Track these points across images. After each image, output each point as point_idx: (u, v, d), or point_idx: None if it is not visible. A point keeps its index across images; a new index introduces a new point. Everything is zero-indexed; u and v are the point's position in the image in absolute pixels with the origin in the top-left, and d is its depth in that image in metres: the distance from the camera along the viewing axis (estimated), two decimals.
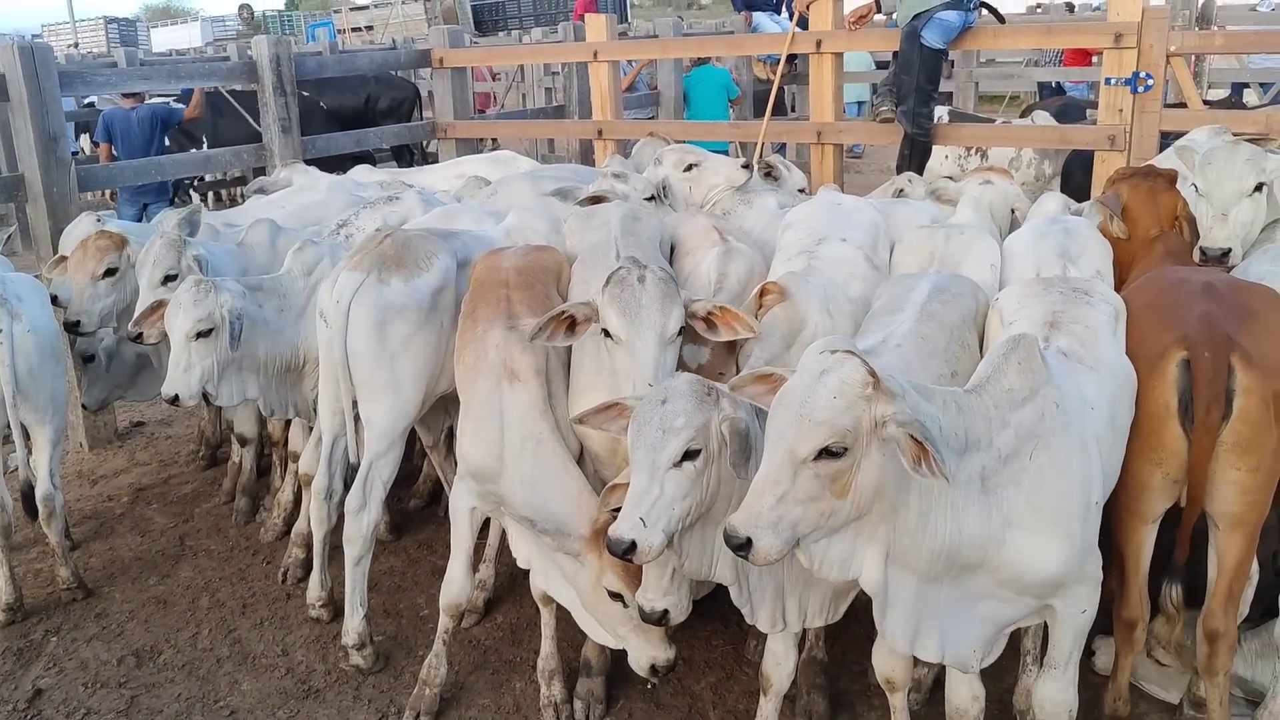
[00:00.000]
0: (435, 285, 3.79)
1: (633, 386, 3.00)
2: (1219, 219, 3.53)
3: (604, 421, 2.83)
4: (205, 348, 3.88)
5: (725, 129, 8.06)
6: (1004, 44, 7.57)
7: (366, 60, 9.74)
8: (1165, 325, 3.00)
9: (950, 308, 3.27)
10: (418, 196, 5.12)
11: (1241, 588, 3.07)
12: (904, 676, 3.09)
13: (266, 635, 4.18)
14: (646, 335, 3.02)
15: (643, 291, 3.05)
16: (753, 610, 2.89)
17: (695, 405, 2.56)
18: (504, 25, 31.13)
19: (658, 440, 2.52)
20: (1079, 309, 3.10)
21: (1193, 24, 11.85)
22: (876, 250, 3.93)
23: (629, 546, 2.48)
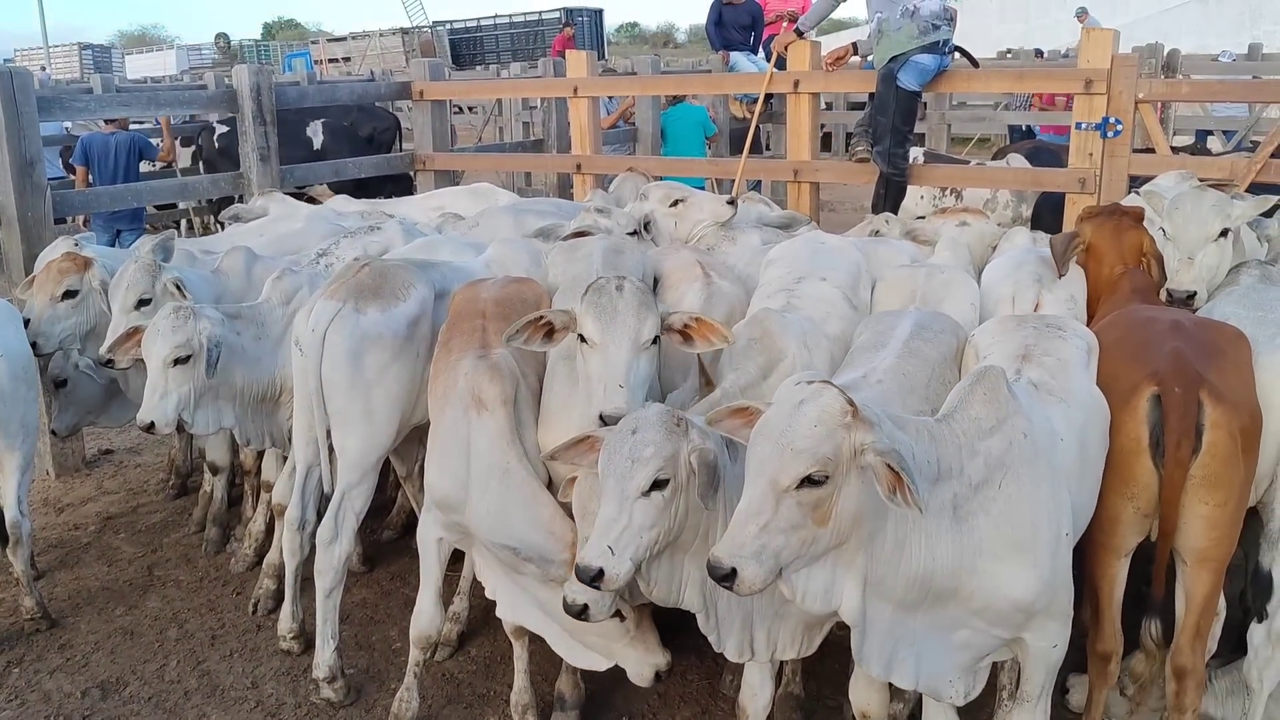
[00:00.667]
0: (412, 315, 3.78)
1: (603, 389, 3.03)
2: (1185, 262, 3.60)
3: (575, 456, 2.84)
4: (183, 375, 3.85)
5: (704, 165, 8.16)
6: (977, 87, 7.74)
7: (346, 91, 9.78)
8: (1136, 361, 3.06)
9: (932, 345, 3.31)
10: (399, 226, 5.13)
11: (1209, 625, 3.10)
12: (880, 710, 3.08)
13: (236, 667, 4.11)
14: (620, 339, 3.05)
15: (619, 298, 3.09)
16: (720, 639, 2.90)
17: (664, 435, 2.58)
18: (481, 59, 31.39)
19: (626, 469, 2.54)
20: (1051, 342, 3.16)
21: (1159, 72, 12.15)
22: (856, 290, 3.96)
23: (597, 574, 2.50)
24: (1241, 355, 3.10)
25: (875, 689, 3.04)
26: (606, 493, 2.55)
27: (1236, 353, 3.09)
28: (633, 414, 2.69)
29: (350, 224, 5.35)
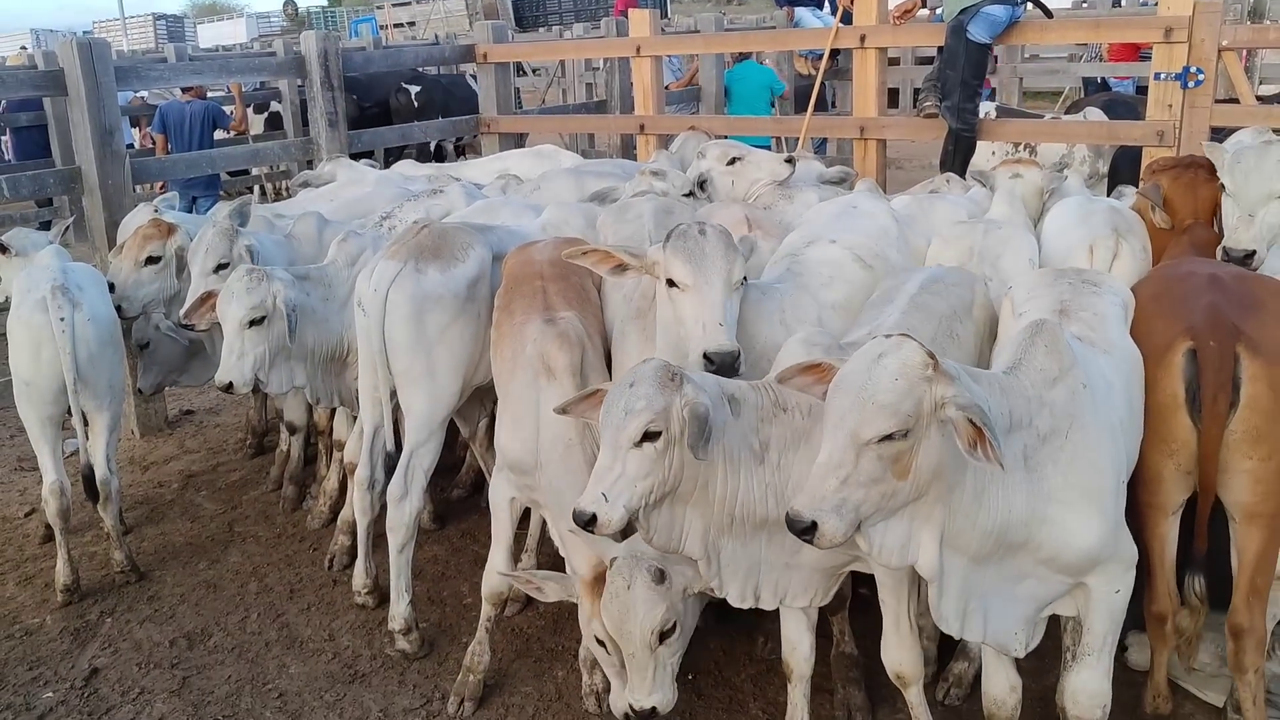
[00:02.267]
0: (471, 276, 3.84)
1: (703, 329, 3.05)
2: (1245, 220, 3.47)
3: (585, 410, 2.88)
4: (258, 336, 3.97)
5: (768, 124, 8.06)
6: (1051, 39, 7.50)
7: (411, 55, 9.85)
8: (1171, 317, 3.01)
9: (941, 299, 3.31)
10: (461, 189, 5.19)
11: (1267, 583, 3.02)
12: (914, 670, 3.12)
13: (313, 620, 4.26)
14: (714, 279, 3.09)
15: (705, 241, 3.13)
16: (721, 584, 2.95)
17: (657, 389, 2.62)
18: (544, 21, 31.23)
19: (620, 421, 2.60)
20: (1087, 298, 3.17)
21: (1245, 18, 11.66)
22: (878, 252, 3.83)
23: (590, 519, 2.56)
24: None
25: (908, 649, 3.08)
26: (604, 442, 2.64)
27: (1278, 304, 3.00)
28: (631, 368, 2.74)
29: (417, 188, 5.41)
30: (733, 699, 3.70)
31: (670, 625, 2.95)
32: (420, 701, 3.74)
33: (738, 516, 2.80)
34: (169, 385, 5.54)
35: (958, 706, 3.59)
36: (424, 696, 3.76)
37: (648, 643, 2.93)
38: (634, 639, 2.93)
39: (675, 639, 2.99)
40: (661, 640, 2.95)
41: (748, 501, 2.79)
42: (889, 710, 3.56)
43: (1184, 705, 3.54)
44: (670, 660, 2.99)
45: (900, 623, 3.08)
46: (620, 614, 2.94)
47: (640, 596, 2.90)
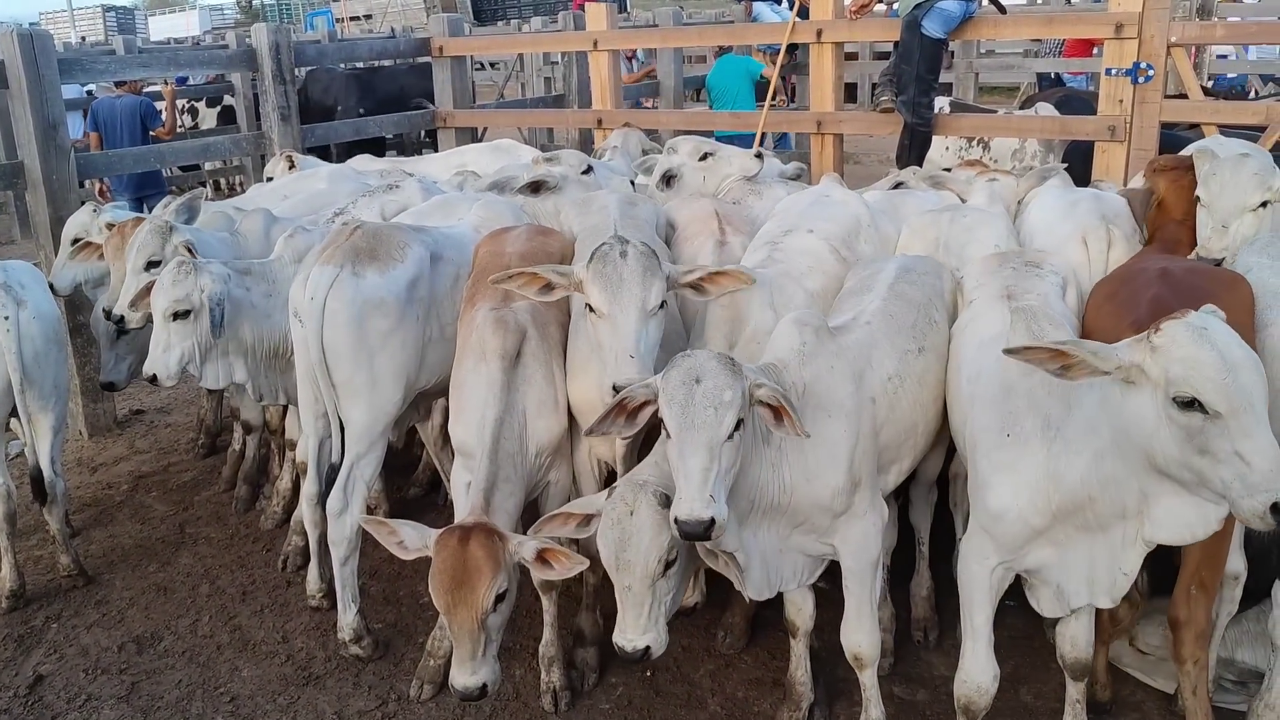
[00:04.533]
0: (411, 276, 3.75)
1: (615, 359, 3.04)
2: (1219, 230, 3.50)
3: (613, 425, 2.84)
4: (185, 329, 3.88)
5: (725, 118, 8.05)
6: (1005, 34, 7.56)
7: (365, 48, 9.72)
8: (1121, 311, 3.04)
9: (917, 287, 3.42)
10: (418, 185, 5.13)
11: (1214, 579, 3.05)
12: (872, 652, 3.19)
13: (267, 622, 4.19)
14: (628, 308, 3.06)
15: (624, 266, 3.09)
16: (745, 578, 2.98)
17: (734, 377, 2.64)
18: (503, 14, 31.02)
19: (712, 418, 2.56)
20: (1031, 280, 3.33)
21: (1194, 15, 11.84)
22: (850, 243, 3.93)
23: (709, 524, 2.49)
24: (1237, 299, 3.03)
25: (867, 632, 3.16)
26: (690, 445, 2.56)
27: (1231, 297, 3.02)
28: (684, 364, 2.68)
29: (373, 183, 5.34)
30: (691, 694, 3.69)
31: (674, 554, 2.76)
32: (375, 703, 3.69)
33: (755, 502, 2.87)
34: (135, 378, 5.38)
35: (914, 700, 3.61)
36: (379, 698, 3.71)
37: (650, 572, 2.72)
38: (635, 569, 2.73)
39: (675, 572, 2.80)
40: (665, 571, 2.76)
41: (763, 486, 2.87)
42: (846, 704, 3.57)
43: (1136, 693, 3.59)
44: (666, 597, 2.80)
45: (862, 606, 3.16)
46: (620, 542, 2.73)
47: (645, 522, 2.71)
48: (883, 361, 3.14)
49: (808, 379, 2.93)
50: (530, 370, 3.42)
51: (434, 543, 3.00)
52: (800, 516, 3.01)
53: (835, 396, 2.96)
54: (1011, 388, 2.87)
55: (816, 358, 2.99)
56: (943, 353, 3.35)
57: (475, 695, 2.95)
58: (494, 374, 3.34)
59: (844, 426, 2.95)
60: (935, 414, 3.32)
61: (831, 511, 3.00)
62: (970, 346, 3.21)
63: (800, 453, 2.91)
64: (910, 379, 3.20)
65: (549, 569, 3.01)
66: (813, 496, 2.95)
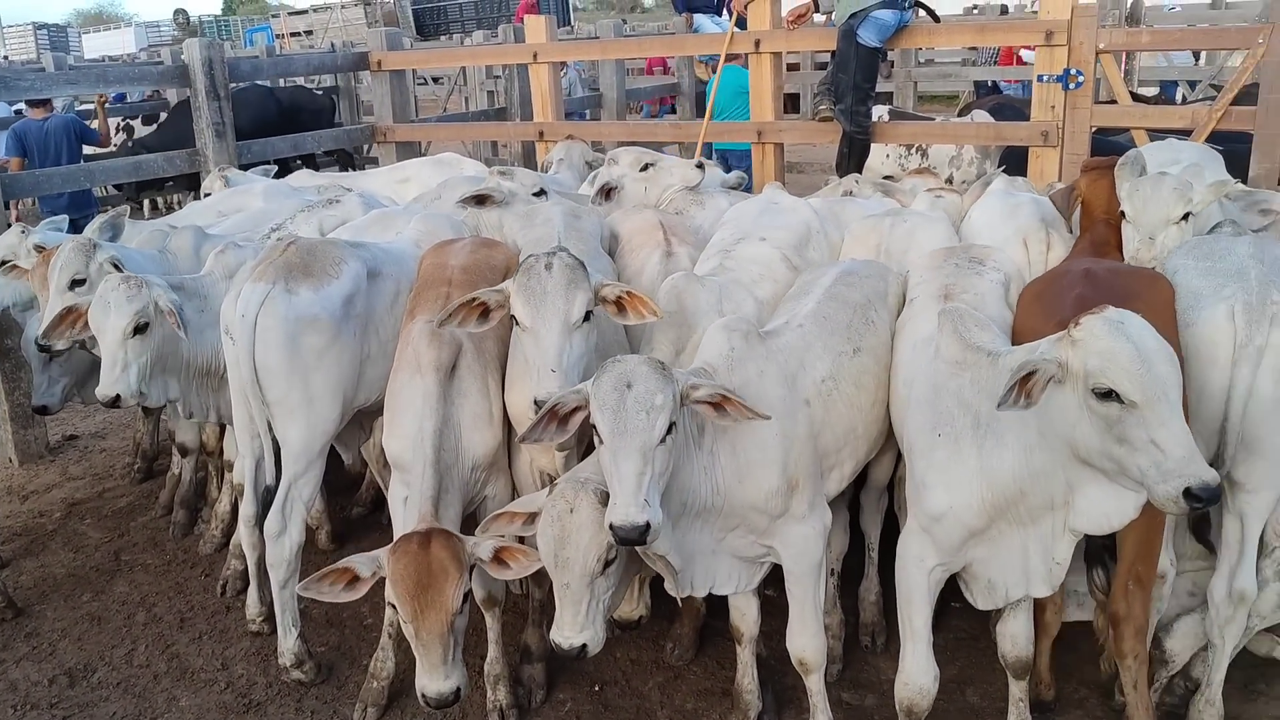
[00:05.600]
0: (347, 293, 3.69)
1: (536, 373, 3.04)
2: (1145, 241, 3.62)
3: (545, 433, 2.81)
4: (142, 345, 3.78)
5: (666, 129, 8.08)
6: (939, 42, 7.68)
7: (302, 63, 9.60)
8: (1047, 312, 3.09)
9: (854, 289, 3.45)
10: (358, 199, 5.07)
11: (1149, 574, 3.08)
12: (817, 658, 3.20)
13: (205, 649, 4.09)
14: (551, 322, 3.04)
15: (548, 279, 3.07)
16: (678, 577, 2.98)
17: (665, 381, 2.65)
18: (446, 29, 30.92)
19: (644, 422, 2.57)
20: (970, 279, 3.40)
21: (1122, 23, 12.13)
22: (801, 251, 3.96)
23: (644, 528, 2.49)
24: (1158, 298, 3.10)
25: (812, 636, 3.17)
26: (623, 450, 2.56)
27: (1152, 295, 3.09)
28: (615, 370, 2.68)
29: (312, 198, 5.26)
30: (640, 708, 3.66)
31: (614, 554, 2.75)
32: None
33: (687, 504, 2.87)
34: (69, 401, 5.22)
35: (862, 705, 3.62)
36: None
37: (589, 570, 2.71)
38: (574, 567, 2.72)
39: (615, 570, 2.80)
40: (604, 569, 2.75)
41: (695, 488, 2.87)
42: (795, 711, 3.56)
43: (1079, 690, 3.63)
44: (604, 595, 2.80)
45: (806, 611, 3.17)
46: (560, 539, 2.72)
47: (585, 519, 2.70)
48: (816, 364, 3.16)
49: (736, 384, 2.94)
50: (466, 383, 3.39)
51: (390, 555, 2.96)
52: (735, 518, 3.01)
53: (765, 400, 2.96)
54: (941, 388, 2.89)
55: (746, 362, 2.99)
56: (882, 354, 3.37)
57: (449, 701, 2.91)
58: (430, 386, 3.31)
59: (775, 429, 2.96)
60: (876, 417, 3.33)
61: (767, 513, 3.01)
62: (906, 348, 3.24)
63: (732, 455, 2.92)
64: (846, 380, 3.21)
65: (505, 568, 3.01)
66: (746, 498, 2.96)
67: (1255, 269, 3.07)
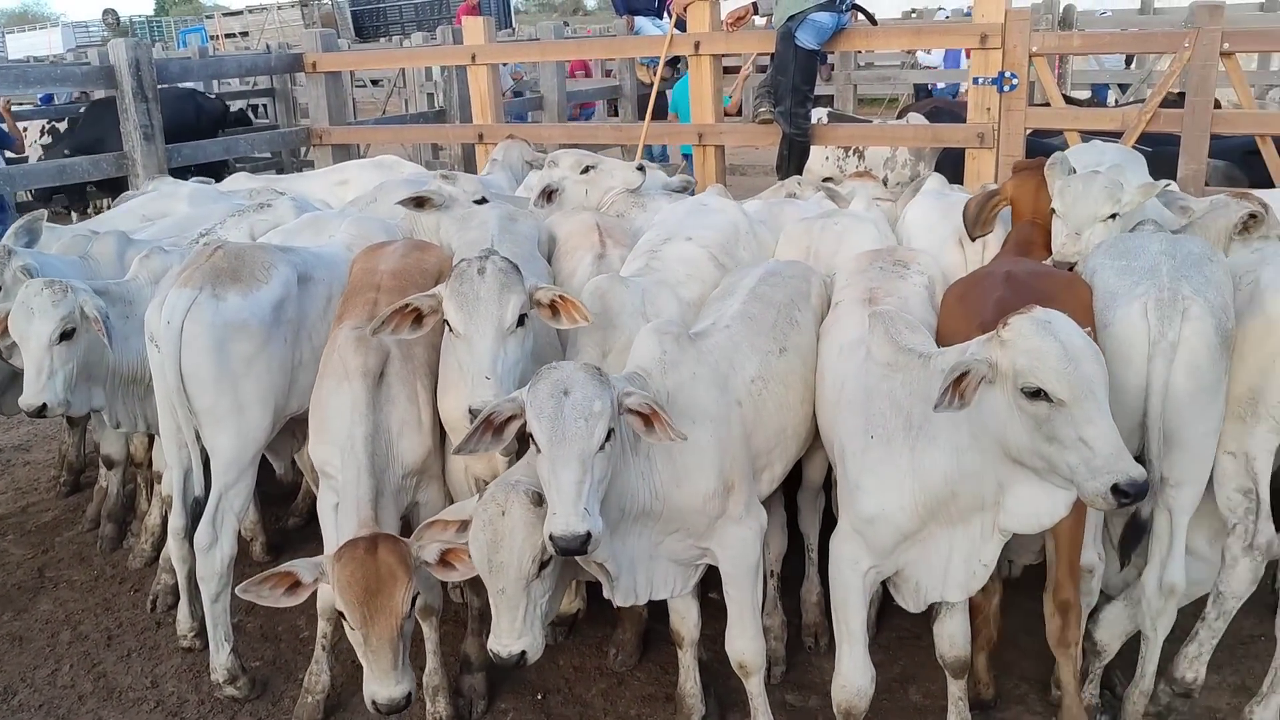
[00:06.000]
0: (276, 298, 3.61)
1: (471, 381, 2.99)
2: (1072, 237, 3.68)
3: (480, 443, 2.76)
4: (68, 352, 3.66)
5: (608, 131, 8.04)
6: (876, 45, 7.77)
7: (233, 65, 9.39)
8: (968, 315, 3.12)
9: (778, 289, 3.44)
10: (290, 203, 4.95)
11: (1078, 563, 3.13)
12: (757, 660, 3.20)
13: (134, 667, 3.96)
14: (484, 328, 2.99)
15: (481, 284, 3.02)
16: (617, 584, 2.96)
17: (603, 387, 2.61)
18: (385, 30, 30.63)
19: (583, 429, 2.53)
20: (894, 282, 3.42)
21: (1055, 27, 12.37)
22: (730, 251, 3.94)
23: (585, 537, 2.45)
24: (1077, 300, 3.15)
25: (751, 639, 3.16)
26: (562, 457, 2.52)
27: (1070, 297, 3.14)
28: (551, 377, 2.63)
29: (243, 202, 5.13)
30: (584, 715, 3.61)
31: (549, 555, 2.68)
32: None
33: (625, 510, 2.84)
34: None
35: (806, 706, 3.61)
36: None
37: (524, 573, 2.66)
38: (508, 571, 2.66)
39: (550, 572, 2.76)
40: (540, 571, 2.70)
41: (633, 494, 2.85)
42: (740, 715, 3.54)
43: (1019, 686, 3.66)
44: (541, 600, 2.75)
45: (745, 613, 3.15)
46: (493, 544, 2.66)
47: (518, 521, 2.65)
48: (744, 364, 3.15)
49: (670, 387, 2.92)
50: (394, 390, 3.33)
51: (335, 561, 2.89)
52: (674, 523, 3.00)
53: (699, 403, 2.95)
54: (873, 390, 2.90)
55: (679, 366, 2.98)
56: (807, 354, 3.37)
57: (400, 706, 2.86)
58: (358, 392, 3.25)
59: (710, 432, 2.95)
60: (804, 416, 3.33)
61: (705, 515, 2.99)
62: (833, 351, 3.24)
63: (669, 460, 2.90)
64: (774, 380, 3.21)
65: (451, 570, 2.96)
66: (684, 502, 2.94)
67: (1167, 265, 3.10)
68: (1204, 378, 2.98)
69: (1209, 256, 3.20)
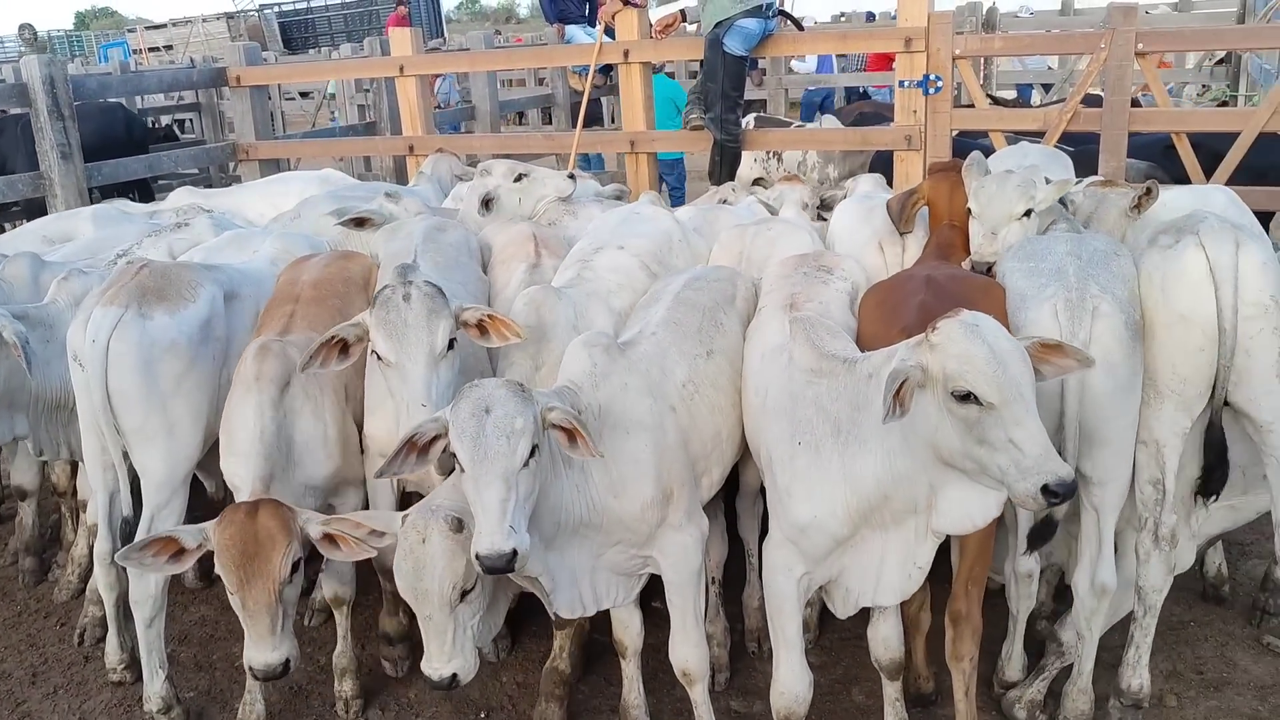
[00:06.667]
0: (204, 316, 3.55)
1: (405, 410, 2.95)
2: (989, 237, 3.72)
3: (404, 465, 2.72)
4: None
5: (539, 140, 8.01)
6: (803, 49, 7.85)
7: (154, 80, 9.15)
8: (889, 320, 3.15)
9: (703, 293, 3.45)
10: (209, 221, 4.85)
11: (983, 574, 3.15)
12: (700, 668, 3.19)
13: (61, 705, 3.83)
14: (416, 355, 2.96)
15: (409, 311, 2.98)
16: (554, 598, 2.97)
17: (525, 404, 2.60)
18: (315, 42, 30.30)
19: (504, 447, 2.52)
20: (816, 288, 3.44)
21: (980, 30, 12.61)
22: (662, 259, 3.95)
23: (511, 555, 2.44)
24: (992, 303, 3.19)
25: (694, 646, 3.16)
26: (485, 477, 2.51)
27: (987, 300, 3.18)
28: (473, 395, 2.62)
29: (140, 223, 5.03)
30: None
31: (472, 581, 2.71)
32: None
33: (561, 523, 2.84)
34: None
35: (750, 712, 3.61)
36: None
37: (447, 600, 2.67)
38: (432, 598, 2.67)
39: (476, 596, 2.76)
40: (463, 597, 2.71)
41: (569, 506, 2.84)
42: None
43: (947, 680, 3.67)
44: (470, 623, 2.76)
45: (688, 620, 3.15)
46: (416, 571, 2.67)
47: (438, 549, 2.66)
48: (674, 369, 3.16)
49: (603, 399, 2.92)
50: (298, 404, 3.31)
51: (216, 525, 2.90)
52: (615, 533, 2.99)
53: (633, 413, 2.95)
54: (799, 396, 2.90)
55: (610, 377, 2.97)
56: (734, 356, 3.38)
57: (278, 673, 2.89)
58: (260, 398, 3.23)
59: (645, 440, 2.95)
60: (736, 419, 3.33)
61: (646, 524, 2.99)
62: (755, 357, 3.25)
63: (605, 472, 2.90)
64: (704, 384, 3.22)
65: (335, 549, 2.97)
66: (624, 512, 2.94)
67: (1073, 265, 3.13)
68: (1119, 373, 3.01)
69: (1114, 252, 3.23)
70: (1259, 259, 2.97)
